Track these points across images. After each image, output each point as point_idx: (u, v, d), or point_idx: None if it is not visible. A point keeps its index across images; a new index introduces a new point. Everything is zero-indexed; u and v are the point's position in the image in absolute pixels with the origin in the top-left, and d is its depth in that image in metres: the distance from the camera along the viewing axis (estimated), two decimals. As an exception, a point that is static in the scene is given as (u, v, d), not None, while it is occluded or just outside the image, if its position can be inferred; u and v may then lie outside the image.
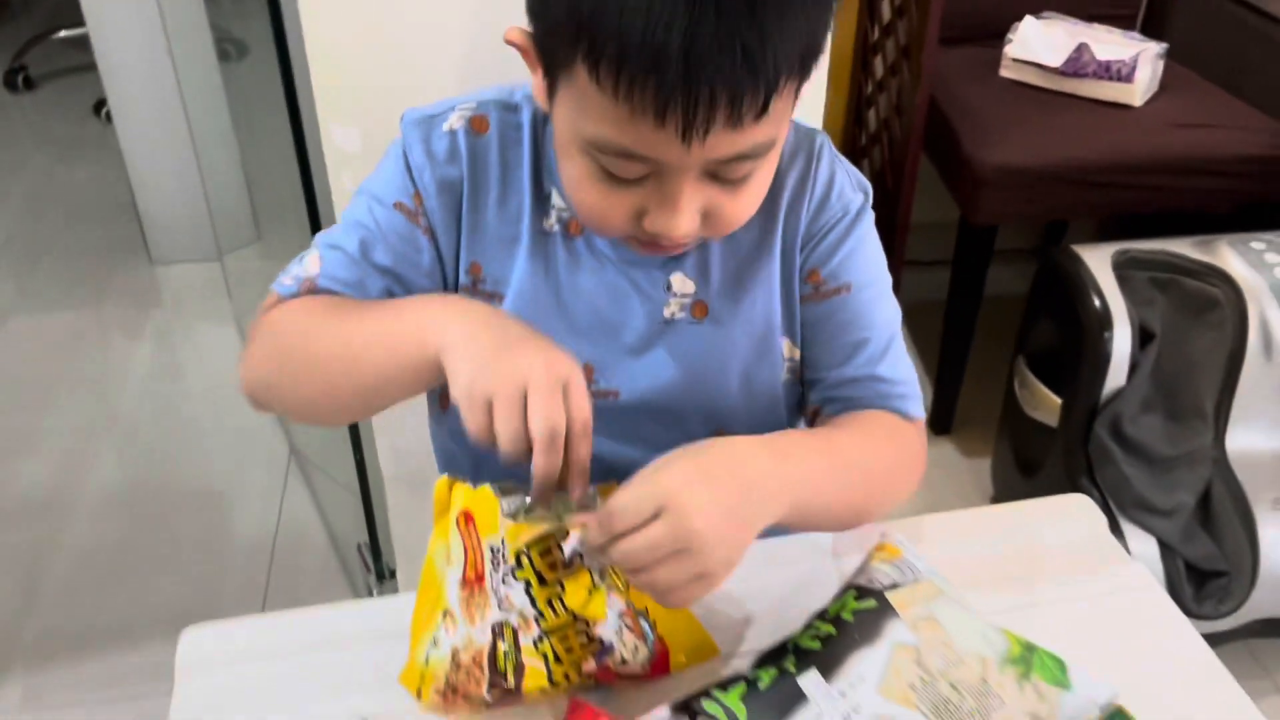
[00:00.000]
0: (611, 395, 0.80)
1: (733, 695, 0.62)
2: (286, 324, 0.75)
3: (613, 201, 0.68)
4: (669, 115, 0.60)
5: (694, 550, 0.60)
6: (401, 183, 0.77)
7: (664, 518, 0.60)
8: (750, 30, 0.59)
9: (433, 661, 0.67)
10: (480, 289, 0.80)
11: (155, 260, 2.51)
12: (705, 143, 0.62)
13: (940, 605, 0.66)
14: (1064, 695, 0.64)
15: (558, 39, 0.64)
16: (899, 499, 0.80)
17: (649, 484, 0.62)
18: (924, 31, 1.72)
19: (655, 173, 0.66)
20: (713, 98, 0.60)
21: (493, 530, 0.65)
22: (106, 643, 1.60)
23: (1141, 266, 1.53)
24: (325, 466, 1.85)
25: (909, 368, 0.83)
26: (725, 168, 0.66)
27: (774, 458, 0.68)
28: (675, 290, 0.79)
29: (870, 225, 0.82)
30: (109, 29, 2.24)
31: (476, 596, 0.65)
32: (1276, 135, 1.74)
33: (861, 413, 0.81)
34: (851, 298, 0.81)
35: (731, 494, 0.63)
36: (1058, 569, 0.80)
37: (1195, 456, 1.48)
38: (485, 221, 0.78)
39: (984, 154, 1.72)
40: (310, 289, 0.76)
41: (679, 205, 0.66)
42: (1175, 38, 2.01)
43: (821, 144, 0.81)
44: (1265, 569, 1.45)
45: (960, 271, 1.89)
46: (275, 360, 0.77)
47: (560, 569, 0.65)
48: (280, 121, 2.22)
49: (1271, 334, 1.45)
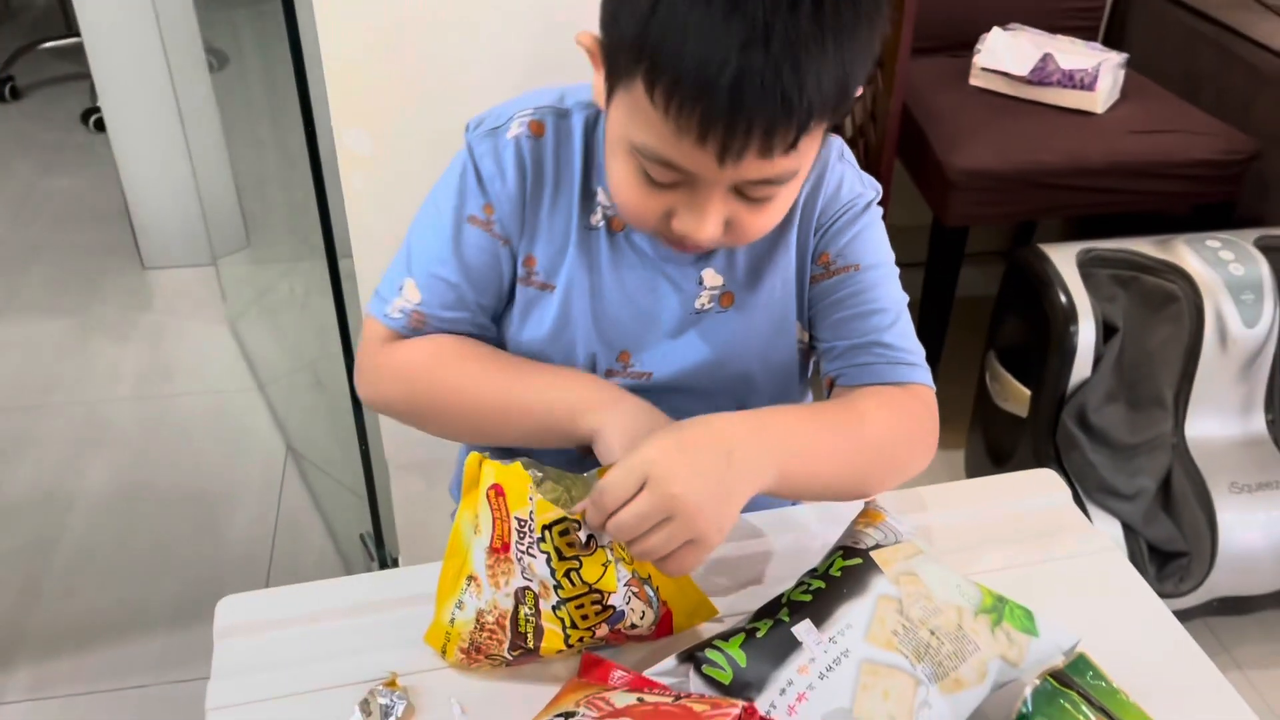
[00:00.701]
0: (645, 376, 0.87)
1: (733, 644, 0.69)
2: (419, 369, 0.85)
3: (648, 201, 0.74)
4: (709, 139, 0.67)
5: (679, 515, 0.66)
6: (475, 195, 0.84)
7: (647, 489, 0.66)
8: (792, 77, 0.65)
9: (458, 622, 0.73)
10: (534, 279, 0.86)
11: (147, 265, 2.55)
12: (739, 167, 0.69)
13: (920, 562, 0.73)
14: (1032, 641, 0.70)
15: (623, 53, 0.70)
16: (909, 469, 0.84)
17: (631, 461, 0.67)
18: (897, 42, 1.78)
19: (688, 183, 0.72)
20: (749, 129, 0.66)
21: (522, 504, 0.70)
22: (109, 635, 1.64)
23: (1104, 264, 1.60)
24: (323, 464, 1.89)
25: (917, 342, 0.87)
26: (752, 188, 0.73)
27: (753, 429, 0.73)
28: (706, 284, 0.86)
29: (878, 216, 0.88)
30: (103, 37, 2.27)
31: (502, 564, 0.71)
32: (1230, 140, 1.82)
33: (863, 388, 0.85)
34: (860, 275, 0.86)
35: (710, 461, 0.68)
36: (1025, 535, 0.87)
37: (1156, 443, 1.55)
38: (540, 218, 0.84)
39: (955, 159, 1.79)
40: (420, 321, 0.84)
41: (706, 213, 0.73)
42: (1135, 48, 2.09)
43: (837, 148, 0.87)
44: (1223, 550, 1.52)
45: (934, 272, 1.95)
46: (407, 398, 0.87)
47: (579, 548, 0.70)
48: (268, 128, 2.26)
49: (1226, 327, 1.52)
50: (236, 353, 2.27)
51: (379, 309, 0.85)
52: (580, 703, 0.64)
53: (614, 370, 0.88)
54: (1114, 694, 0.68)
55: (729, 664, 0.67)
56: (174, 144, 2.37)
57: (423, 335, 0.85)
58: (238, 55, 2.54)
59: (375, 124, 1.04)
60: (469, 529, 0.73)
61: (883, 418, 0.83)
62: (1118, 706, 0.68)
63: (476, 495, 0.72)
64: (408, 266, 0.85)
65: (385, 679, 0.73)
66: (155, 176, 2.42)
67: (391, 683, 0.72)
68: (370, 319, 0.86)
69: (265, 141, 2.29)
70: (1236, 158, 1.80)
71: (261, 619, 0.79)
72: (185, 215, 2.47)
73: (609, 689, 0.67)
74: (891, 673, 0.66)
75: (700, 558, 0.69)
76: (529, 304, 0.87)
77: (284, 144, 2.03)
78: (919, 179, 1.95)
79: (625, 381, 0.87)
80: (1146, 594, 0.82)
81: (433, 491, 1.25)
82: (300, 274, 2.14)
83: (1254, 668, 1.61)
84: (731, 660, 0.68)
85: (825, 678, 0.66)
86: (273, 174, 2.28)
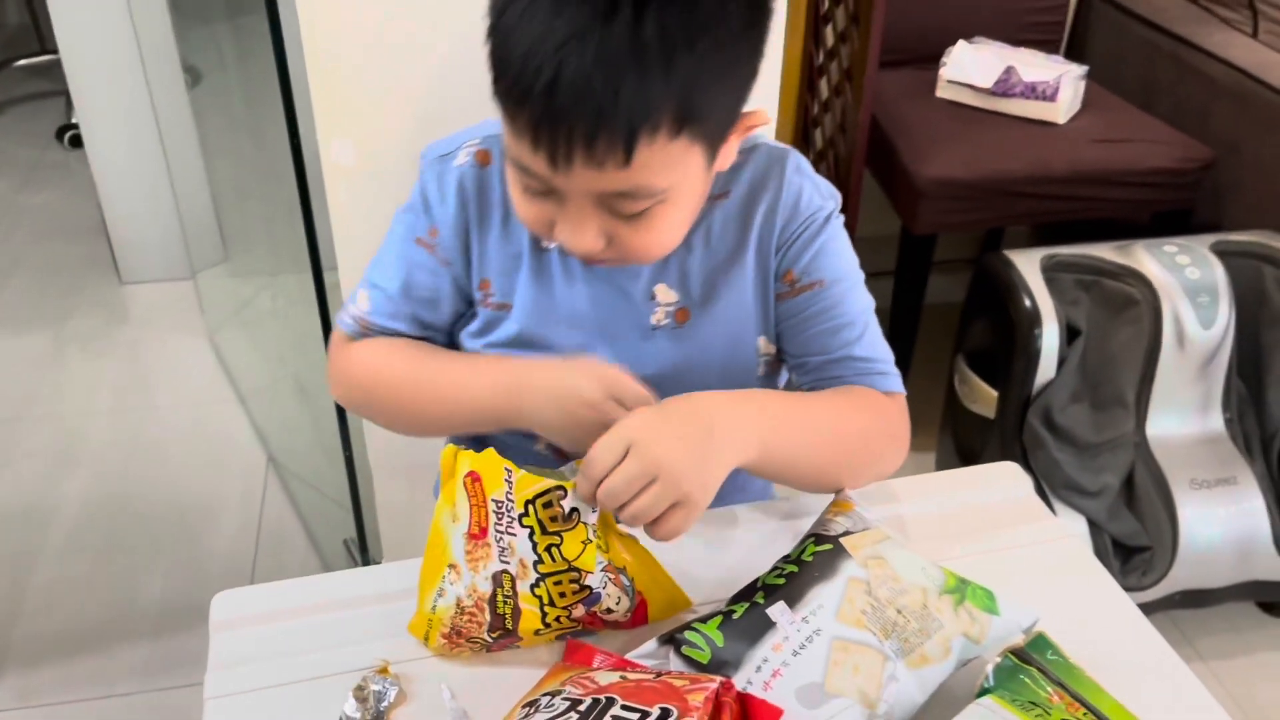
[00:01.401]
0: None
1: (711, 625, 0.72)
2: (365, 367, 0.91)
3: (532, 210, 0.78)
4: (539, 143, 0.70)
5: (664, 476, 0.70)
6: (422, 218, 0.89)
7: (631, 453, 0.70)
8: (605, 87, 0.66)
9: (439, 609, 0.75)
10: (490, 301, 0.90)
11: (125, 280, 2.56)
12: (572, 174, 0.71)
13: (886, 547, 0.76)
14: (993, 619, 0.74)
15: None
16: (882, 467, 0.88)
17: (615, 431, 0.71)
18: (865, 55, 1.83)
19: (554, 192, 0.74)
20: (570, 136, 0.68)
21: (498, 486, 0.73)
22: (94, 644, 1.66)
23: (1067, 269, 1.65)
24: (304, 473, 1.91)
25: (886, 349, 0.91)
26: (617, 202, 0.74)
27: (732, 401, 0.77)
28: (659, 300, 0.88)
29: (839, 227, 0.90)
30: (80, 53, 2.29)
31: (480, 549, 0.74)
32: (1187, 149, 1.88)
33: (840, 385, 0.89)
34: (825, 291, 0.88)
35: (690, 428, 0.73)
36: (989, 524, 0.90)
37: (1119, 442, 1.60)
38: (489, 244, 0.88)
39: (922, 168, 1.84)
40: (367, 327, 0.91)
41: (575, 224, 0.75)
42: (1095, 60, 2.15)
43: (791, 161, 0.89)
44: (1184, 544, 1.57)
45: (903, 280, 2.00)
46: (362, 394, 0.93)
47: (561, 521, 0.74)
48: (245, 142, 2.28)
49: (1184, 328, 1.58)
50: (216, 365, 2.29)
51: (341, 315, 0.93)
52: (566, 682, 0.67)
53: None
54: (1071, 670, 0.72)
55: (707, 644, 0.71)
56: (152, 159, 2.39)
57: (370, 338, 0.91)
58: (212, 71, 2.56)
59: (360, 136, 1.07)
60: (448, 519, 0.76)
61: (859, 413, 0.87)
62: (1075, 681, 0.71)
63: (453, 485, 0.75)
64: (366, 278, 0.91)
65: (377, 666, 0.75)
66: (133, 191, 2.43)
67: (383, 670, 0.75)
68: (335, 325, 0.94)
69: (242, 155, 2.31)
70: (1193, 166, 1.87)
71: (255, 613, 0.81)
72: (163, 230, 2.48)
73: (593, 670, 0.70)
74: (861, 649, 0.70)
75: (689, 520, 0.72)
76: (490, 323, 0.90)
77: (261, 158, 2.05)
78: (888, 188, 2.00)
79: None
80: (1104, 578, 0.86)
81: (416, 496, 1.27)
82: (279, 286, 2.16)
83: (1216, 658, 1.66)
84: (709, 640, 0.71)
85: (799, 655, 0.69)
86: (251, 188, 2.30)
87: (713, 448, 0.73)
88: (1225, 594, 1.63)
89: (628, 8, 0.66)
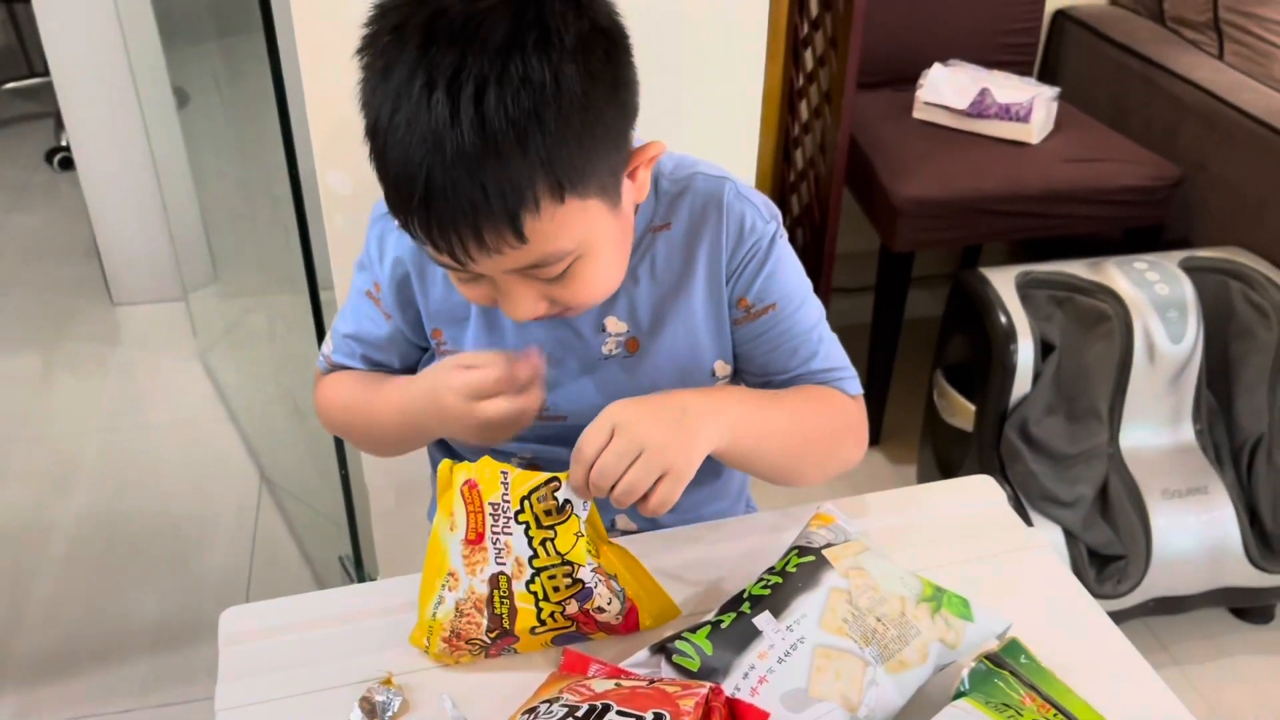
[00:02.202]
0: (560, 419, 0.94)
1: (700, 635, 0.76)
2: (330, 399, 0.99)
3: (471, 292, 0.82)
4: (437, 247, 0.73)
5: (649, 448, 0.75)
6: (367, 275, 0.94)
7: (617, 433, 0.76)
8: (470, 184, 0.69)
9: (439, 616, 0.79)
10: (444, 349, 0.94)
11: (117, 301, 2.58)
12: (478, 263, 0.74)
13: (866, 558, 0.80)
14: (968, 626, 0.78)
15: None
16: (842, 462, 0.93)
17: (599, 418, 0.77)
18: (844, 78, 1.87)
19: (477, 275, 0.77)
20: (458, 233, 0.71)
21: (494, 490, 0.77)
22: (92, 662, 1.68)
23: (1041, 286, 1.69)
24: (298, 491, 1.94)
25: (840, 353, 0.96)
26: (533, 271, 0.76)
27: (704, 392, 0.85)
28: (610, 331, 0.92)
29: (784, 245, 0.92)
30: (71, 75, 2.31)
31: (477, 553, 0.78)
32: (1157, 168, 1.93)
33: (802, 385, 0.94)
34: (779, 313, 0.93)
35: (667, 411, 0.79)
36: (965, 535, 0.94)
37: (1093, 453, 1.64)
38: (434, 297, 0.92)
39: (900, 187, 1.88)
40: (333, 365, 0.99)
41: (509, 298, 0.79)
42: (1067, 82, 2.21)
43: (728, 188, 0.90)
44: (1157, 553, 1.61)
45: (883, 296, 2.04)
46: (335, 424, 1.01)
47: (555, 515, 0.77)
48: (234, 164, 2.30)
49: (1154, 343, 1.62)
50: (208, 385, 2.31)
51: (319, 359, 1.01)
52: (563, 690, 0.71)
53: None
54: (1043, 673, 0.76)
55: (696, 652, 0.74)
56: (144, 180, 2.41)
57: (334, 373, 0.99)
58: (199, 92, 2.59)
59: (356, 167, 1.11)
60: (446, 529, 0.79)
61: (822, 408, 0.93)
62: (1047, 685, 0.75)
63: (451, 496, 0.79)
64: (335, 321, 0.99)
65: (382, 678, 0.79)
66: (125, 213, 2.45)
67: (387, 681, 0.78)
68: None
69: (231, 177, 2.34)
70: (1162, 184, 1.92)
71: (263, 627, 0.84)
72: (155, 251, 2.51)
73: (589, 678, 0.74)
74: (843, 656, 0.74)
75: (676, 490, 0.77)
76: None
77: (252, 180, 2.08)
78: (867, 207, 2.04)
79: (544, 425, 0.93)
80: (1074, 587, 0.90)
81: (411, 512, 1.31)
82: (271, 307, 2.19)
83: (1191, 663, 1.70)
84: (699, 649, 0.75)
85: (784, 662, 0.73)
86: (240, 209, 2.33)
87: (689, 426, 0.79)
88: (1198, 600, 1.67)
89: (469, 106, 0.68)
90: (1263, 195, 1.83)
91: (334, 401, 0.98)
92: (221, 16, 2.12)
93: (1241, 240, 1.80)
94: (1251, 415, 1.67)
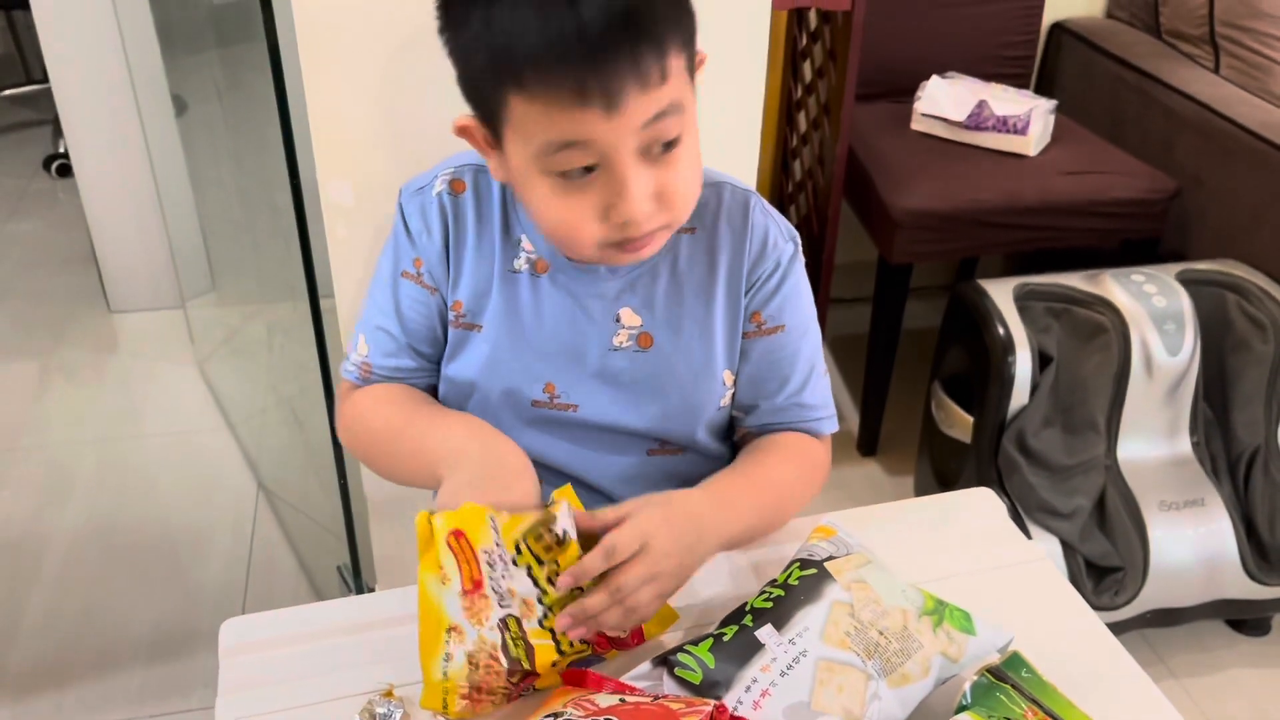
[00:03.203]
0: (571, 409, 0.94)
1: (702, 648, 0.76)
2: (360, 418, 0.96)
3: (576, 208, 0.80)
4: (589, 93, 0.73)
5: (662, 577, 0.79)
6: (406, 250, 0.93)
7: (645, 554, 0.78)
8: (625, 15, 0.71)
9: (451, 674, 0.74)
10: (462, 320, 0.94)
11: (114, 308, 2.58)
12: (624, 111, 0.74)
13: (868, 571, 0.80)
14: (969, 639, 0.78)
15: (488, 89, 0.77)
16: (805, 504, 0.96)
17: (637, 525, 0.79)
18: (842, 90, 1.88)
19: (601, 162, 0.77)
20: (614, 66, 0.72)
21: (484, 537, 0.75)
22: (88, 672, 1.67)
23: (1039, 298, 1.70)
24: (295, 500, 1.93)
25: (826, 390, 0.98)
26: (653, 132, 0.77)
27: (717, 507, 0.86)
28: (624, 322, 0.93)
29: (800, 270, 0.96)
30: (71, 82, 2.31)
31: (478, 602, 0.75)
32: (1153, 180, 1.94)
33: (779, 436, 0.96)
34: (786, 336, 0.94)
35: (690, 538, 0.82)
36: (965, 548, 0.95)
37: (1091, 465, 1.65)
38: (464, 265, 0.92)
39: (898, 199, 1.89)
40: (369, 372, 0.96)
41: (629, 187, 0.78)
42: (1064, 95, 2.22)
43: (754, 202, 0.93)
44: (1155, 564, 1.61)
45: (880, 307, 2.04)
46: (362, 445, 0.98)
47: (555, 549, 0.77)
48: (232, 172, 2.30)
49: (1151, 355, 1.63)
50: (206, 394, 2.31)
51: (344, 365, 0.98)
52: (568, 704, 0.71)
53: (541, 401, 0.94)
54: (1045, 687, 0.76)
55: (699, 665, 0.75)
56: (143, 187, 2.41)
57: (370, 384, 0.96)
58: (197, 100, 2.59)
59: (358, 177, 1.11)
60: (435, 585, 0.75)
61: (796, 469, 0.95)
62: (1048, 698, 0.75)
63: (434, 552, 0.75)
64: (361, 324, 0.96)
65: (383, 690, 0.78)
66: (124, 220, 2.45)
67: (389, 693, 0.78)
68: (340, 374, 0.99)
69: (229, 185, 2.34)
70: (1159, 197, 1.93)
71: (264, 638, 0.84)
72: (153, 258, 2.50)
73: (593, 693, 0.74)
74: (845, 669, 0.74)
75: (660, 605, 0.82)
76: (460, 343, 0.95)
77: (250, 188, 2.08)
78: (865, 219, 2.04)
79: (555, 413, 0.94)
80: (1074, 599, 0.91)
81: (410, 523, 1.30)
82: (270, 315, 2.19)
83: (1188, 675, 1.71)
84: (701, 662, 0.75)
85: (786, 675, 0.73)
86: (238, 217, 2.33)
87: (700, 551, 0.84)
88: (1195, 612, 1.68)
89: None
90: (1258, 208, 1.83)
91: (362, 421, 0.96)
92: (220, 25, 2.12)
93: (1238, 253, 1.81)
94: (1248, 428, 1.67)
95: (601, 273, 0.91)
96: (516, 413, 0.95)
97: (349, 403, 0.97)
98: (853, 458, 2.15)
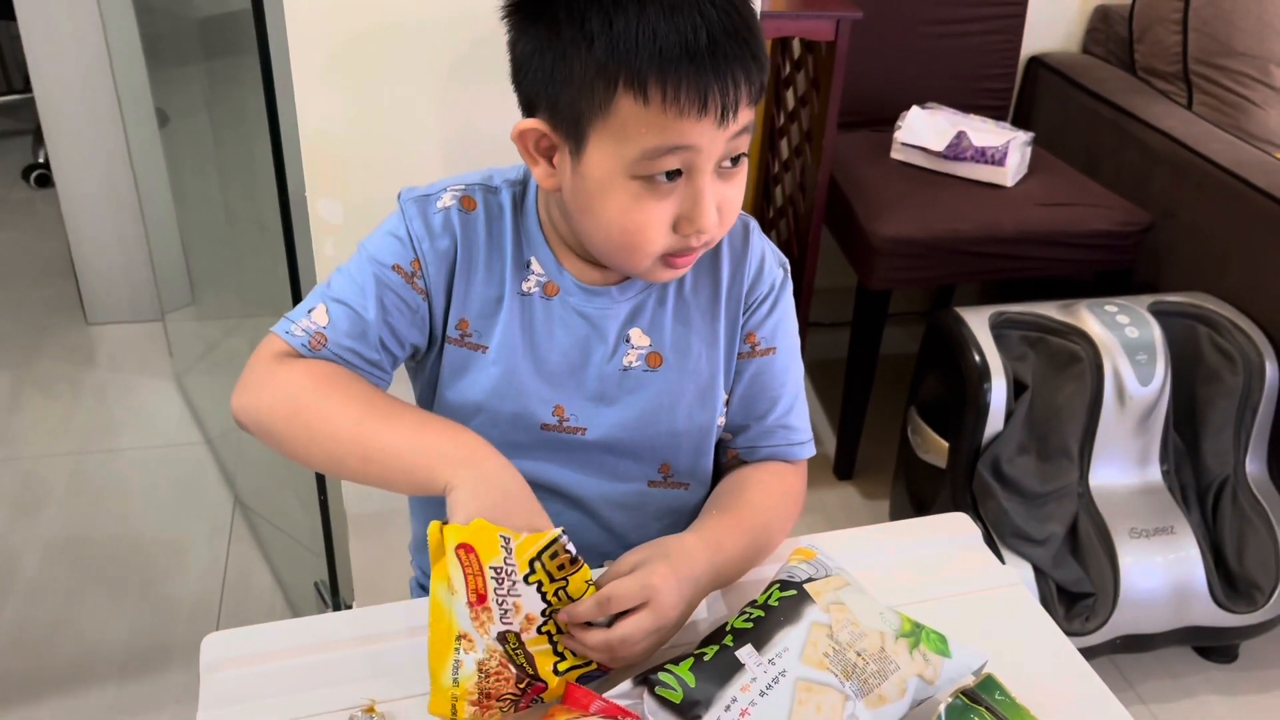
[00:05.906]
0: (580, 431, 0.95)
1: (683, 667, 0.77)
2: (303, 389, 0.85)
3: (654, 216, 0.81)
4: (709, 102, 0.76)
5: (664, 629, 0.81)
6: (401, 249, 0.90)
7: (650, 608, 0.79)
8: (741, 21, 0.77)
9: (462, 680, 0.75)
10: (467, 341, 0.93)
11: (91, 320, 2.56)
12: (735, 120, 0.78)
13: (847, 593, 0.82)
14: (945, 661, 0.80)
15: (593, 89, 0.78)
16: (786, 536, 0.97)
17: (644, 580, 0.79)
18: (825, 118, 1.91)
19: (686, 171, 0.80)
20: (734, 79, 0.76)
21: (495, 554, 0.76)
22: (61, 685, 1.66)
23: (1015, 326, 1.73)
24: (272, 516, 1.93)
25: (805, 415, 1.00)
26: (737, 144, 0.81)
27: (712, 552, 0.87)
28: (633, 343, 0.94)
29: (790, 295, 0.98)
30: (54, 93, 2.31)
31: (482, 614, 0.76)
32: (1128, 213, 1.97)
33: (758, 469, 0.98)
34: (776, 358, 0.97)
35: (690, 589, 0.83)
36: (941, 571, 0.96)
37: (1064, 492, 1.67)
38: (473, 285, 0.92)
39: (877, 226, 1.91)
40: (320, 342, 0.87)
41: (704, 196, 0.81)
42: (1041, 127, 2.26)
43: (753, 226, 0.96)
44: (1125, 591, 1.63)
45: (859, 332, 2.06)
46: (284, 417, 0.85)
47: (569, 566, 0.78)
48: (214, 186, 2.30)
49: (1123, 385, 1.65)
50: (183, 408, 2.30)
51: (283, 327, 0.88)
52: (557, 724, 0.72)
53: (550, 425, 0.94)
54: (1018, 709, 0.77)
55: (679, 684, 0.75)
56: (125, 199, 2.40)
57: (318, 358, 0.87)
58: (180, 114, 2.59)
59: (347, 195, 1.12)
60: (445, 593, 0.76)
61: (773, 505, 0.96)
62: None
63: (445, 562, 0.76)
64: (322, 295, 0.89)
65: (364, 705, 0.79)
66: (104, 232, 2.44)
67: (370, 709, 0.78)
68: (271, 335, 0.89)
69: (210, 198, 2.34)
70: (1133, 229, 1.96)
71: (244, 654, 0.84)
72: (132, 270, 2.49)
73: (588, 716, 0.74)
74: (823, 690, 0.75)
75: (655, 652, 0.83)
76: (463, 364, 0.93)
77: (233, 202, 2.08)
78: (845, 245, 2.07)
79: (563, 436, 0.94)
80: (1047, 623, 0.92)
81: (387, 540, 1.31)
82: (250, 329, 2.18)
83: (1157, 701, 1.73)
84: (681, 681, 0.75)
85: (765, 695, 0.74)
86: (219, 231, 2.32)
87: (695, 600, 0.85)
88: (1164, 639, 1.70)
89: None
90: (1229, 243, 1.87)
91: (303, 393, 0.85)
92: (207, 39, 2.13)
93: (1209, 286, 1.84)
94: (1217, 457, 1.70)
95: (613, 294, 0.92)
96: (524, 436, 0.94)
97: (283, 366, 0.86)
98: (829, 481, 2.17)
